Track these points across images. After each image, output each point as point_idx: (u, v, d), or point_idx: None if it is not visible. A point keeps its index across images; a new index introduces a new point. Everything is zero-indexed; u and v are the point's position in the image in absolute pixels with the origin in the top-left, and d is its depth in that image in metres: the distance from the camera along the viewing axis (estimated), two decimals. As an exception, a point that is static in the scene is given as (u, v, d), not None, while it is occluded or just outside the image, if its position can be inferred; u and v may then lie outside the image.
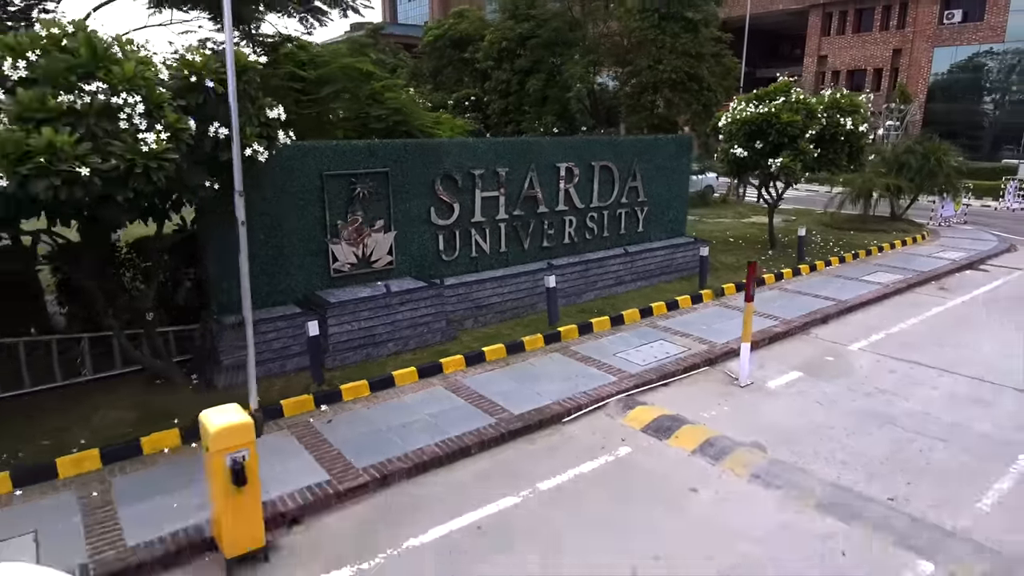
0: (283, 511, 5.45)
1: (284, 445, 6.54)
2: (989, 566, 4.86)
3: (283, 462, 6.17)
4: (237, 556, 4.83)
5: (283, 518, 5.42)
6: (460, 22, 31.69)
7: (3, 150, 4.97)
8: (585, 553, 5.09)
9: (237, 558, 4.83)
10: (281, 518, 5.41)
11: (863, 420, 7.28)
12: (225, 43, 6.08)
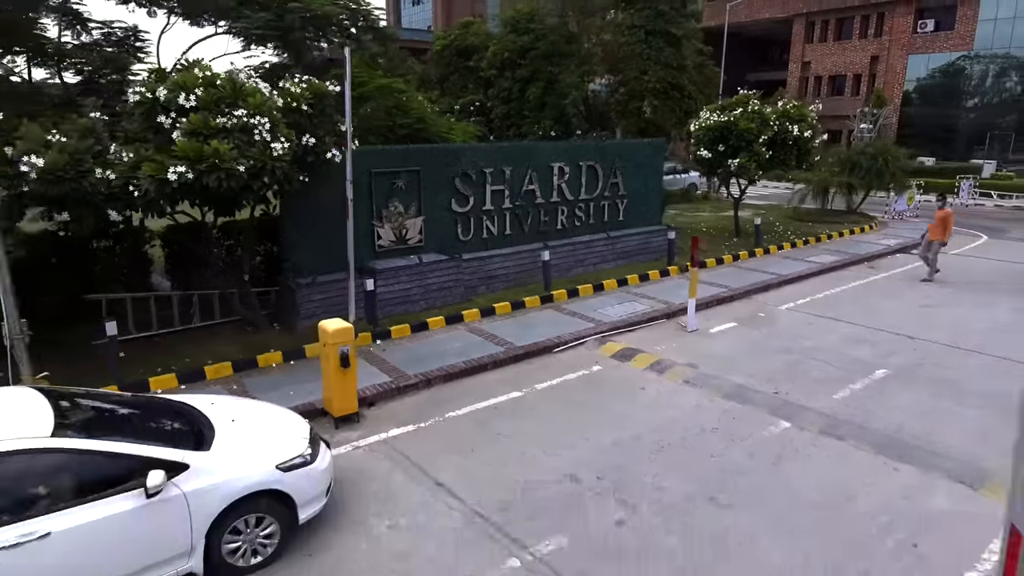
0: (363, 397, 8.12)
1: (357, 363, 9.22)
2: (824, 423, 7.54)
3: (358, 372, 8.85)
4: (341, 416, 7.51)
5: (363, 401, 8.09)
6: (466, 33, 34.33)
7: (187, 154, 7.66)
8: (566, 420, 7.78)
9: (341, 417, 7.52)
10: (362, 401, 8.08)
11: (773, 351, 9.97)
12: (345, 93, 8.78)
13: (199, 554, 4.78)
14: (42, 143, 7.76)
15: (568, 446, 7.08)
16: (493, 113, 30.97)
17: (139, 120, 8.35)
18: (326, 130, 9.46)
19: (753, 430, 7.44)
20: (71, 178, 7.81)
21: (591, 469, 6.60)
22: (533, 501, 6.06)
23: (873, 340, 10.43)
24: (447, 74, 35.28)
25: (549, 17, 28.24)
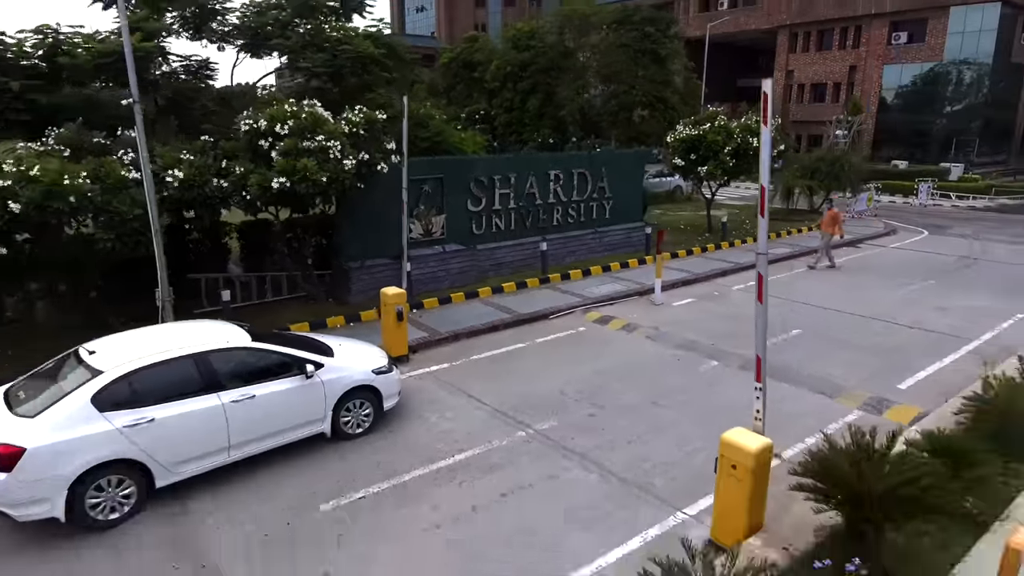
0: (409, 345, 11.08)
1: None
2: (743, 363, 10.51)
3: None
4: (396, 357, 10.48)
5: (410, 348, 11.05)
6: (471, 48, 37.31)
7: (284, 169, 10.64)
8: (557, 361, 10.75)
9: (396, 358, 10.47)
10: (409, 348, 11.04)
11: (718, 318, 12.95)
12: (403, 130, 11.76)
13: (328, 422, 7.76)
14: (175, 162, 10.74)
15: (557, 375, 10.06)
16: (497, 121, 33.91)
17: (244, 142, 11.33)
18: (376, 148, 12.43)
19: (691, 366, 10.43)
20: (198, 185, 10.82)
21: (574, 387, 9.59)
22: (533, 404, 9.04)
23: (798, 311, 13.41)
24: (454, 84, 38.24)
25: (548, 35, 31.17)
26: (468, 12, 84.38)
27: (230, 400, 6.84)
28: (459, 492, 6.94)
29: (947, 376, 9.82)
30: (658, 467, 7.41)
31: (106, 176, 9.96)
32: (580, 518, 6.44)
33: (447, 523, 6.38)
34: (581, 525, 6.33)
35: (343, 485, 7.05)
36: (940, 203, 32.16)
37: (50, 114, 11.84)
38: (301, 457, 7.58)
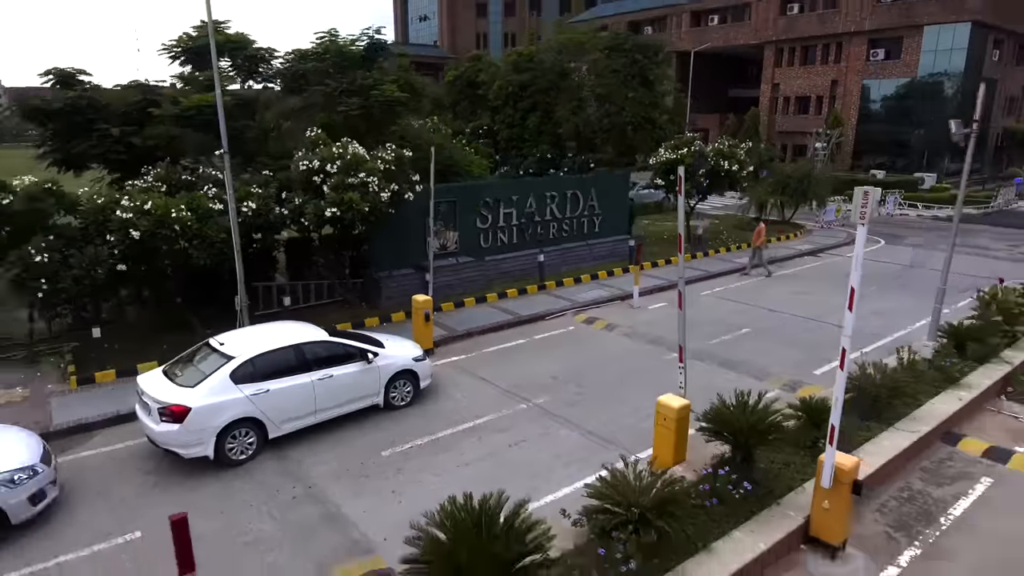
0: (434, 340, 13.87)
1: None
2: (697, 354, 13.29)
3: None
4: (426, 349, 13.27)
5: (434, 343, 13.84)
6: (475, 67, 40.06)
7: (335, 201, 13.43)
8: (551, 353, 13.55)
9: (426, 350, 13.27)
10: (433, 343, 13.82)
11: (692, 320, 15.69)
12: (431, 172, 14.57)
13: (381, 396, 10.56)
14: (247, 195, 13.53)
15: (551, 364, 12.86)
16: (500, 136, 36.62)
17: (300, 178, 14.13)
18: (404, 180, 15.21)
19: (655, 357, 13.24)
20: (264, 214, 13.62)
21: (564, 373, 12.40)
22: (532, 385, 11.84)
23: (749, 313, 16.22)
24: (458, 99, 40.98)
25: (547, 56, 33.80)
26: (470, 22, 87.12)
27: (317, 378, 9.65)
28: (479, 444, 9.75)
29: (853, 366, 12.60)
30: (621, 428, 10.22)
31: (197, 208, 12.77)
32: (564, 459, 9.25)
33: (472, 462, 9.19)
34: (564, 463, 9.14)
35: (395, 439, 9.86)
36: (907, 213, 34.96)
37: (143, 153, 14.65)
38: (364, 421, 10.39)
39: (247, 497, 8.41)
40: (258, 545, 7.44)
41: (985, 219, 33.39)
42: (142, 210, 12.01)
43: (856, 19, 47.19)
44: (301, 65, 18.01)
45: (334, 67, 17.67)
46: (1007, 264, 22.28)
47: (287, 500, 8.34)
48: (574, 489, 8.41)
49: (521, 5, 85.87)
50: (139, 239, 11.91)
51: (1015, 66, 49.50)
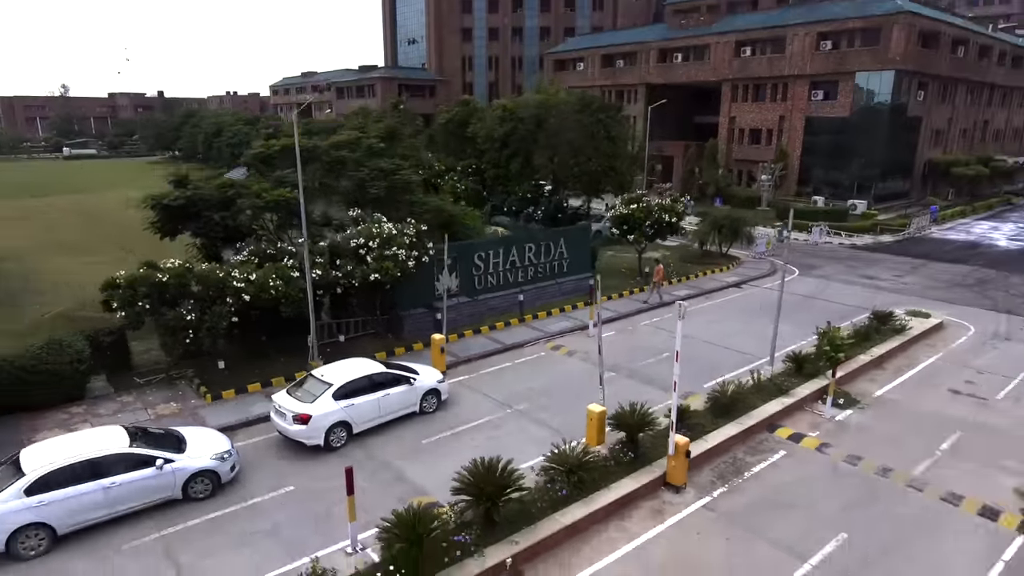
0: (446, 365, 19.71)
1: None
2: (629, 372, 19.28)
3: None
4: (442, 371, 19.11)
5: (446, 367, 19.68)
6: (464, 110, 45.83)
7: (376, 268, 19.24)
8: (529, 373, 19.45)
9: (442, 372, 19.11)
10: (446, 367, 19.65)
11: (626, 346, 21.73)
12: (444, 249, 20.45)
13: (418, 406, 16.41)
14: (312, 264, 19.28)
15: (529, 382, 18.76)
16: (486, 174, 42.49)
17: (351, 250, 19.90)
18: (422, 247, 21.03)
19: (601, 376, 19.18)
20: (324, 276, 19.37)
21: (538, 388, 18.31)
22: (515, 396, 17.73)
23: (672, 340, 22.18)
24: (449, 140, 46.74)
25: (526, 112, 39.68)
26: (455, 46, 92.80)
27: (380, 395, 15.47)
28: (482, 435, 15.63)
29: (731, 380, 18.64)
30: (572, 424, 16.12)
31: (283, 275, 18.51)
32: (534, 443, 15.14)
33: (479, 445, 15.04)
34: (534, 445, 15.03)
35: (430, 433, 15.72)
36: (831, 240, 41.36)
37: (234, 232, 20.35)
38: (408, 422, 16.23)
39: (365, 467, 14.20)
40: (360, 493, 13.24)
41: (893, 247, 39.79)
42: (249, 280, 17.73)
43: (799, 64, 53.66)
44: (338, 153, 23.76)
45: (364, 155, 23.46)
46: (885, 294, 28.48)
47: (371, 469, 14.15)
48: (539, 459, 14.30)
49: (504, 31, 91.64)
50: (248, 300, 17.63)
51: (940, 103, 56.26)
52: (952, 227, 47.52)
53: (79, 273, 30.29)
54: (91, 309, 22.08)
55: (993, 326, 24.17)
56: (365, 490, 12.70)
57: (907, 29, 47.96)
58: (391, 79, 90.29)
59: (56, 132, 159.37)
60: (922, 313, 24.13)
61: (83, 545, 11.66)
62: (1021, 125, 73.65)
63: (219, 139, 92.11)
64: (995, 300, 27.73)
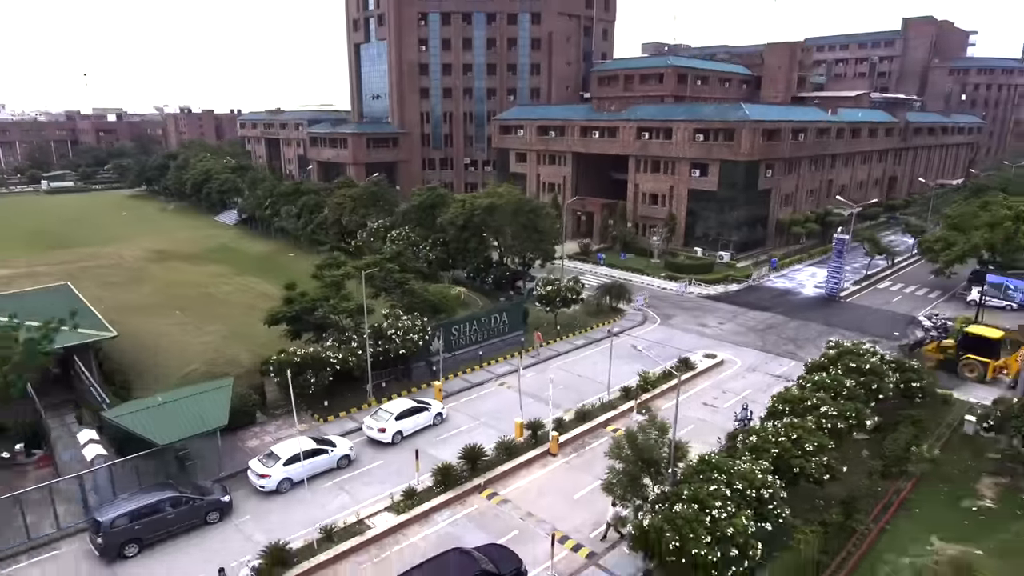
0: (442, 398, 36.01)
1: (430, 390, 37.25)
2: (535, 396, 36.02)
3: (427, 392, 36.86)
4: (440, 402, 35.43)
5: (443, 399, 35.99)
6: (432, 195, 61.86)
7: (400, 346, 35.47)
8: (488, 402, 36.01)
9: (441, 402, 35.44)
10: (442, 399, 35.95)
11: (541, 382, 38.52)
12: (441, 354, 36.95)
13: (432, 420, 32.83)
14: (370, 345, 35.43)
15: (487, 406, 35.32)
16: (450, 247, 58.67)
17: (384, 334, 36.02)
18: (424, 330, 37.32)
19: (526, 402, 35.89)
20: (373, 351, 35.54)
21: (492, 409, 34.89)
22: (480, 414, 34.25)
23: (563, 377, 39.14)
24: (422, 218, 62.63)
25: (478, 210, 55.96)
26: (415, 103, 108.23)
27: (416, 416, 31.87)
28: (466, 435, 32.06)
29: (591, 403, 35.64)
30: (509, 429, 32.68)
31: (353, 353, 34.53)
32: (491, 439, 31.66)
33: (465, 439, 31.39)
34: (491, 440, 31.54)
35: (440, 434, 32.19)
36: (692, 291, 59.24)
37: (320, 324, 36.24)
38: (428, 430, 32.53)
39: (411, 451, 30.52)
40: (407, 465, 29.44)
41: (732, 296, 57.91)
42: (337, 356, 33.68)
43: (682, 149, 71.77)
44: (367, 270, 39.74)
45: (387, 272, 39.59)
46: (706, 339, 46.08)
47: (410, 451, 30.42)
48: (493, 444, 30.77)
49: (456, 91, 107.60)
50: (337, 368, 33.60)
51: (786, 175, 75.30)
52: (785, 274, 66.31)
53: (170, 335, 45.04)
54: (218, 367, 37.60)
55: (752, 362, 41.93)
56: (411, 463, 28.97)
57: (752, 131, 66.54)
58: (360, 135, 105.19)
59: (29, 163, 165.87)
60: (711, 355, 41.74)
61: (301, 489, 27.55)
62: (862, 179, 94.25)
63: (208, 184, 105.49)
64: (766, 342, 45.69)
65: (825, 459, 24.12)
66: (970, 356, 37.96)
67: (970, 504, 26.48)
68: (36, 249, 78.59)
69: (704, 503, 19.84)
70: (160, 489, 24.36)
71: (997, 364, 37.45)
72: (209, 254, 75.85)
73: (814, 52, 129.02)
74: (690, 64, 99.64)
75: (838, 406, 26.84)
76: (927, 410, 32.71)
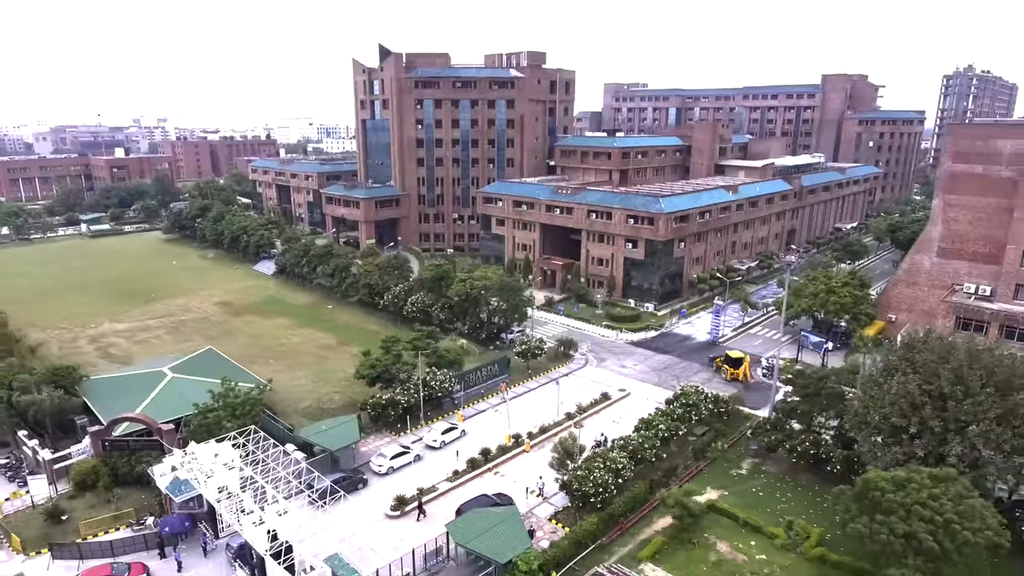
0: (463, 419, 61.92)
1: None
2: (512, 423, 62.24)
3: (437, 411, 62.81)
4: (462, 423, 61.38)
5: (463, 417, 61.89)
6: (440, 269, 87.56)
7: (441, 389, 61.40)
8: (489, 422, 62.07)
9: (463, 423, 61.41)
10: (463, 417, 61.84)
11: (517, 410, 64.68)
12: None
13: (459, 434, 58.92)
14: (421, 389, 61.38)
15: (486, 423, 61.32)
16: (455, 309, 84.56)
17: (423, 383, 61.90)
18: (448, 377, 63.25)
19: (509, 422, 61.99)
20: (424, 389, 61.55)
21: (491, 426, 60.90)
22: (485, 431, 60.22)
23: (535, 406, 65.33)
24: (434, 285, 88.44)
25: (474, 289, 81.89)
26: (413, 169, 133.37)
27: (458, 431, 57.87)
28: (480, 441, 58.10)
29: (547, 422, 61.94)
30: (501, 439, 58.82)
31: (410, 396, 60.48)
32: (493, 443, 57.73)
33: (479, 444, 57.39)
34: (493, 444, 57.63)
35: (466, 440, 58.12)
36: (622, 337, 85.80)
37: (390, 377, 62.00)
38: (458, 440, 58.44)
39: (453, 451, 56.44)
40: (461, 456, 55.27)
41: (648, 342, 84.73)
42: (401, 399, 59.52)
43: (619, 228, 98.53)
44: (417, 345, 65.44)
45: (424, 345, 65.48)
46: (623, 377, 72.69)
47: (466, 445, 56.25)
48: (496, 446, 56.84)
49: (446, 160, 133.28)
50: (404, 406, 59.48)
51: (696, 243, 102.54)
52: (690, 321, 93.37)
53: (277, 379, 70.16)
54: (323, 404, 63.11)
55: (649, 394, 68.48)
56: (453, 459, 54.74)
57: (667, 219, 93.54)
58: (370, 199, 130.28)
59: (61, 204, 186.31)
60: (623, 389, 68.30)
61: (398, 472, 53.14)
62: (763, 236, 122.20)
63: (245, 236, 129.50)
64: (661, 379, 72.38)
65: (656, 451, 50.66)
66: (727, 366, 70.59)
67: (734, 473, 53.25)
68: (127, 302, 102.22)
69: (591, 470, 46.05)
70: (339, 471, 49.97)
71: (734, 371, 69.55)
72: (265, 306, 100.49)
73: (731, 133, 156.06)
74: (631, 144, 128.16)
75: (668, 423, 53.46)
76: (731, 422, 59.59)
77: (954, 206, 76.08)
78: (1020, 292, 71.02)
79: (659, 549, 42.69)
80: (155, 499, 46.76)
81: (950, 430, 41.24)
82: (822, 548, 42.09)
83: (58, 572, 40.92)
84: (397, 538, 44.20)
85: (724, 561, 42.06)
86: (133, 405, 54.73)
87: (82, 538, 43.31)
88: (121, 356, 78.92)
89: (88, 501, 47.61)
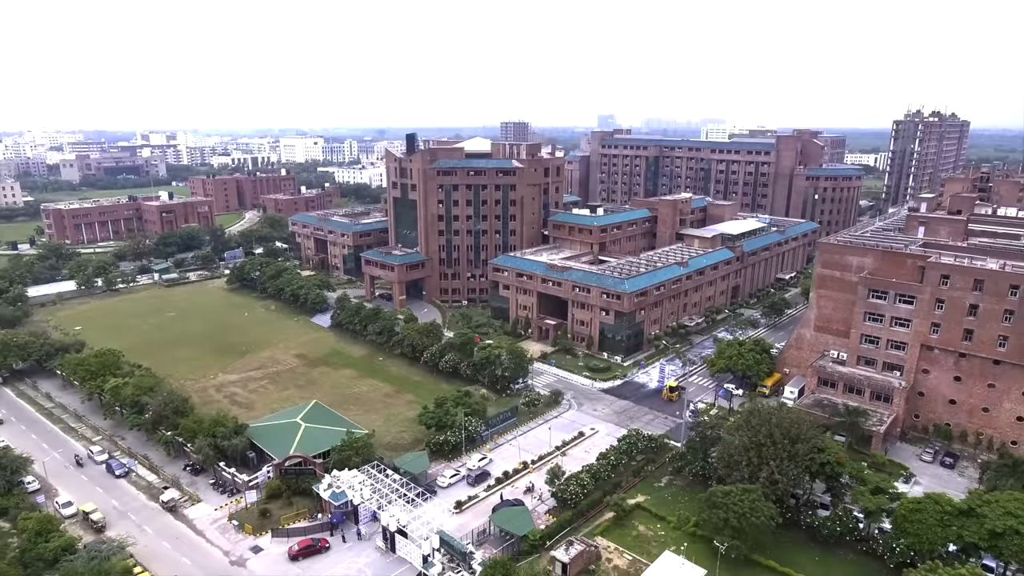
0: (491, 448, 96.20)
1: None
2: (524, 451, 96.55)
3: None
4: (490, 454, 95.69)
5: (491, 449, 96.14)
6: (466, 337, 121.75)
7: (475, 433, 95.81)
8: (505, 452, 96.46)
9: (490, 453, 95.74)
10: (491, 449, 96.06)
11: (525, 443, 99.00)
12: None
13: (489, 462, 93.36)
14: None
15: (504, 454, 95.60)
16: (476, 366, 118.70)
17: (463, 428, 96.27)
18: (478, 424, 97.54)
19: (520, 453, 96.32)
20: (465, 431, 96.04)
21: (507, 455, 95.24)
22: (505, 457, 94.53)
23: (535, 441, 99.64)
24: (460, 349, 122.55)
25: (492, 355, 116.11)
26: (435, 238, 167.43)
27: (484, 461, 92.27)
28: (502, 465, 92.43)
29: (544, 452, 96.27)
30: (515, 464, 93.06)
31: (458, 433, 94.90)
32: (512, 466, 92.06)
33: (505, 461, 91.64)
34: (511, 465, 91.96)
35: (492, 466, 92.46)
36: (597, 386, 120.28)
37: (444, 424, 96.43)
38: (488, 464, 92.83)
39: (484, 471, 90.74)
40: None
41: (615, 389, 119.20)
42: (453, 440, 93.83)
43: (596, 300, 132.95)
44: (461, 401, 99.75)
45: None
46: (594, 418, 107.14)
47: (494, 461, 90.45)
48: (511, 469, 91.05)
49: (463, 231, 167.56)
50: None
51: (653, 308, 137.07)
52: (647, 371, 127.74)
53: (358, 424, 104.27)
54: (396, 441, 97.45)
55: (611, 431, 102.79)
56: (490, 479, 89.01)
57: (630, 296, 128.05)
58: (403, 264, 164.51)
59: (131, 252, 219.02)
60: (594, 428, 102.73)
61: (455, 487, 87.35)
62: (711, 295, 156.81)
63: (303, 292, 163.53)
64: (620, 420, 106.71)
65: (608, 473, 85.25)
66: (668, 392, 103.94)
67: (656, 485, 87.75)
68: (227, 353, 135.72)
69: (567, 486, 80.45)
70: (420, 485, 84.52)
71: (671, 395, 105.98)
72: (331, 358, 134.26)
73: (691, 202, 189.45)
74: (607, 221, 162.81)
75: (616, 456, 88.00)
76: (660, 451, 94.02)
77: (823, 297, 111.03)
78: (860, 360, 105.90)
79: (605, 529, 77.17)
80: (315, 504, 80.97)
81: (763, 464, 75.82)
82: (694, 527, 76.59)
83: (278, 545, 75.07)
84: (459, 524, 78.53)
85: (641, 535, 76.56)
86: (287, 446, 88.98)
87: (282, 526, 77.44)
88: (245, 403, 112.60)
89: (276, 505, 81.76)
